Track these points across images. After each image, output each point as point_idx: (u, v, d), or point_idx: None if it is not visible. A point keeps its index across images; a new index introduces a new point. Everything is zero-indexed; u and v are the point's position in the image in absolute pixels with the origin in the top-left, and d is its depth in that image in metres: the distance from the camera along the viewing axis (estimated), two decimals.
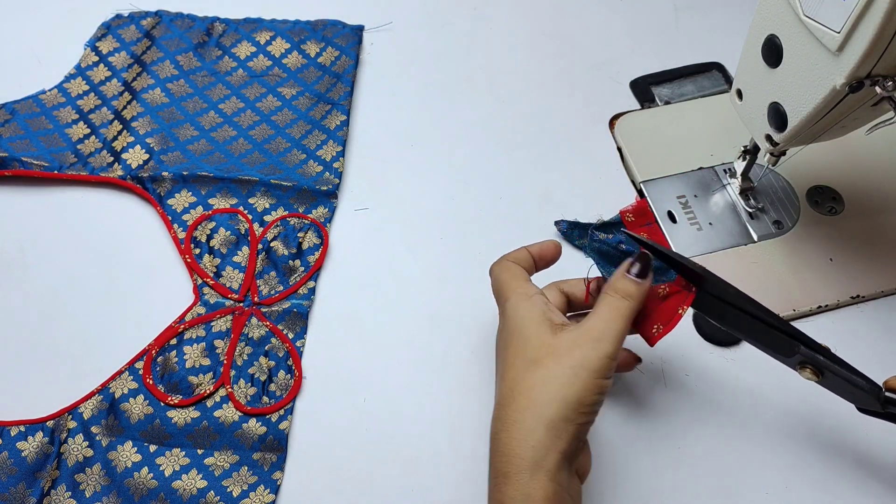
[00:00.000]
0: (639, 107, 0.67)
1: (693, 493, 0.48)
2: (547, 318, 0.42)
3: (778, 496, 0.48)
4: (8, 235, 0.58)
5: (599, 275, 0.48)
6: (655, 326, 0.45)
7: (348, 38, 0.69)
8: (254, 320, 0.54)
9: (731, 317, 0.44)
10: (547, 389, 0.39)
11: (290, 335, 0.53)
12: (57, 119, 0.63)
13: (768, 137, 0.50)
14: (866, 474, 0.49)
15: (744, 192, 0.59)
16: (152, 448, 0.49)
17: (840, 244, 0.57)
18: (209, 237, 0.57)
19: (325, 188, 0.60)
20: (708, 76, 0.68)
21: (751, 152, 0.57)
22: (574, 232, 0.57)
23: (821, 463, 0.49)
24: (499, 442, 0.39)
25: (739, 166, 0.58)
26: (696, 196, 0.60)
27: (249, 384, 0.51)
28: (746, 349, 0.53)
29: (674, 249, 0.57)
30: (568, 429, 0.39)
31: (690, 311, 0.55)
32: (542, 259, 0.47)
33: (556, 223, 0.58)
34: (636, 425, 0.50)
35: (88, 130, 0.63)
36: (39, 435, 0.48)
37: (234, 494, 0.47)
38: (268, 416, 0.50)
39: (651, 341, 0.45)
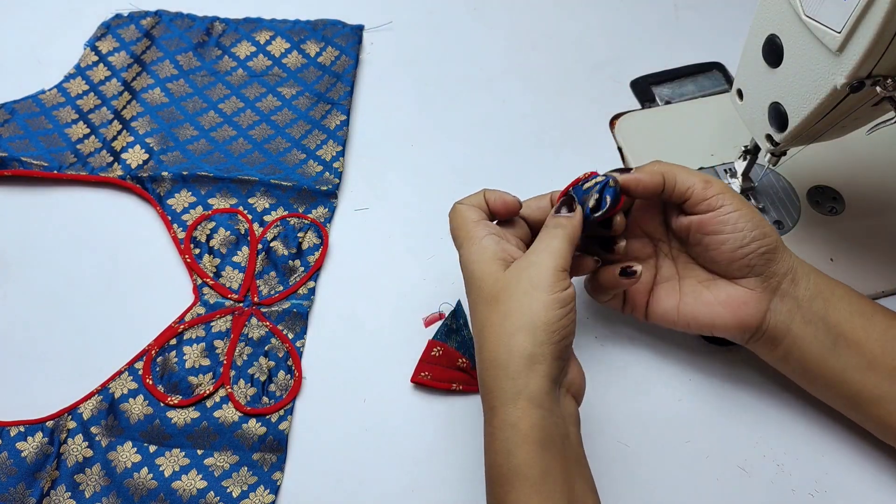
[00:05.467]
0: (639, 107, 0.66)
1: (695, 492, 0.48)
2: (498, 257, 0.43)
3: (779, 495, 0.48)
4: (8, 235, 0.58)
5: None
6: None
7: (348, 38, 0.69)
8: (254, 320, 0.54)
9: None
10: (510, 321, 0.40)
11: (290, 335, 0.53)
12: (56, 119, 0.63)
13: (769, 137, 0.50)
14: (866, 467, 0.49)
15: (744, 192, 0.59)
16: (152, 448, 0.49)
17: (840, 244, 0.57)
18: (209, 237, 0.57)
19: (324, 188, 0.60)
20: (708, 76, 0.68)
21: (751, 152, 0.57)
22: None
23: (822, 463, 0.49)
24: (482, 382, 0.41)
25: (740, 166, 0.58)
26: None
27: (249, 384, 0.51)
28: (747, 349, 0.53)
29: None
30: (542, 352, 0.39)
31: None
32: (497, 210, 0.47)
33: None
34: (638, 425, 0.50)
35: (88, 130, 0.63)
36: (39, 435, 0.48)
37: (234, 495, 0.47)
38: (268, 417, 0.50)
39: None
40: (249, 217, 0.58)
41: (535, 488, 0.37)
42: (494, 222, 0.48)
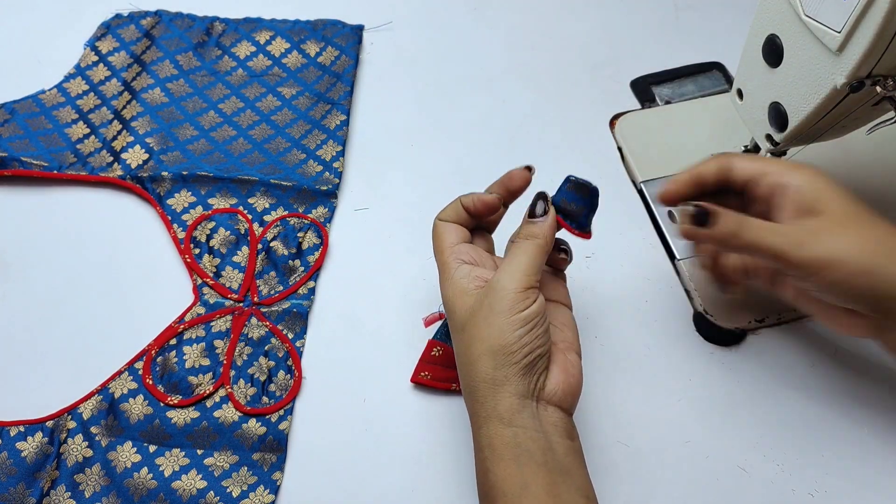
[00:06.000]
0: (639, 107, 0.66)
1: (695, 492, 0.48)
2: (468, 291, 0.43)
3: (779, 495, 0.48)
4: (8, 235, 0.58)
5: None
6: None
7: (348, 38, 0.69)
8: (253, 320, 0.54)
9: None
10: (473, 349, 0.41)
11: (290, 335, 0.53)
12: (56, 119, 0.63)
13: (769, 137, 0.50)
14: (866, 467, 0.49)
15: None
16: (152, 448, 0.49)
17: None
18: (209, 237, 0.57)
19: (324, 188, 0.60)
20: (708, 76, 0.68)
21: (751, 152, 0.57)
22: None
23: (822, 463, 0.49)
24: (466, 405, 0.43)
25: None
26: None
27: (249, 384, 0.51)
28: (747, 349, 0.53)
29: (674, 249, 0.57)
30: (504, 374, 0.40)
31: (691, 312, 0.55)
32: (479, 213, 0.48)
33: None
34: (638, 425, 0.50)
35: (88, 130, 0.63)
36: (39, 435, 0.48)
37: (234, 495, 0.47)
38: (267, 417, 0.50)
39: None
40: (249, 217, 0.58)
41: (515, 502, 0.38)
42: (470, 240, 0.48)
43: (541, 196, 0.46)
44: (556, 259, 0.49)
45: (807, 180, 0.43)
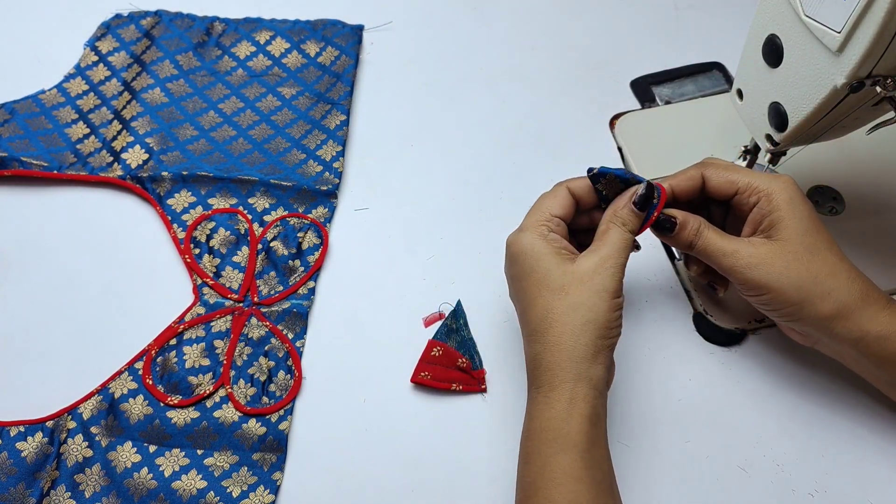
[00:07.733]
0: (639, 107, 0.66)
1: (695, 492, 0.48)
2: (560, 252, 0.46)
3: (779, 495, 0.48)
4: (8, 235, 0.58)
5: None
6: None
7: (348, 38, 0.69)
8: (253, 320, 0.54)
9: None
10: (580, 314, 0.44)
11: (290, 335, 0.53)
12: (56, 119, 0.63)
13: (769, 137, 0.50)
14: (866, 467, 0.49)
15: None
16: (152, 448, 0.49)
17: (840, 244, 0.57)
18: (209, 237, 0.57)
19: (324, 188, 0.60)
20: (708, 76, 0.68)
21: (751, 152, 0.57)
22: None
23: (822, 463, 0.49)
24: (542, 361, 0.45)
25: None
26: None
27: (249, 384, 0.51)
28: (747, 349, 0.53)
29: (674, 249, 0.57)
30: (604, 345, 0.44)
31: (691, 312, 0.55)
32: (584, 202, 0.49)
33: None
34: (638, 425, 0.50)
35: (88, 130, 0.63)
36: (39, 435, 0.48)
37: (234, 495, 0.47)
38: (267, 417, 0.50)
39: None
40: (249, 217, 0.58)
41: (582, 455, 0.42)
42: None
43: (652, 186, 0.47)
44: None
45: (771, 203, 0.46)
